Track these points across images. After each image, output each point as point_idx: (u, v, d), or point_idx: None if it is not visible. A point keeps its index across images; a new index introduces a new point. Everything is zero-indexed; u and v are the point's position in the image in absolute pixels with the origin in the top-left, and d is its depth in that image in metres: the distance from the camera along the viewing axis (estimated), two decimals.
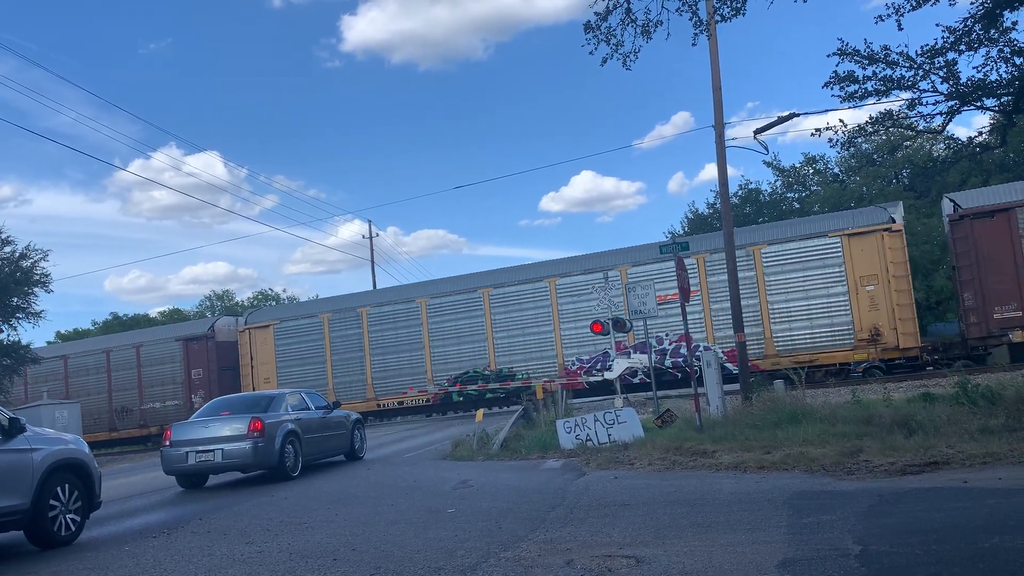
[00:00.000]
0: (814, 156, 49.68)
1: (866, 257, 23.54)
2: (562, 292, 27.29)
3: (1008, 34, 12.22)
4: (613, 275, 24.81)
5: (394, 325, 29.47)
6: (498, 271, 29.89)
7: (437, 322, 28.87)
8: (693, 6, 10.61)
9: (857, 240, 23.75)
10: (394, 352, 29.28)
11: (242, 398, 15.16)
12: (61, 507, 8.73)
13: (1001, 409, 11.70)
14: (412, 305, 29.37)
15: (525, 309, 27.79)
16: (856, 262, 23.65)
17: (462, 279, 30.07)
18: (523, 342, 27.70)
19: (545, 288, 27.61)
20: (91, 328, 64.75)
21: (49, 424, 24.72)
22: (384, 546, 7.50)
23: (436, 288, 30.01)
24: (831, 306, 23.94)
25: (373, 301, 30.62)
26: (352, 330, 29.99)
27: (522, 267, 29.88)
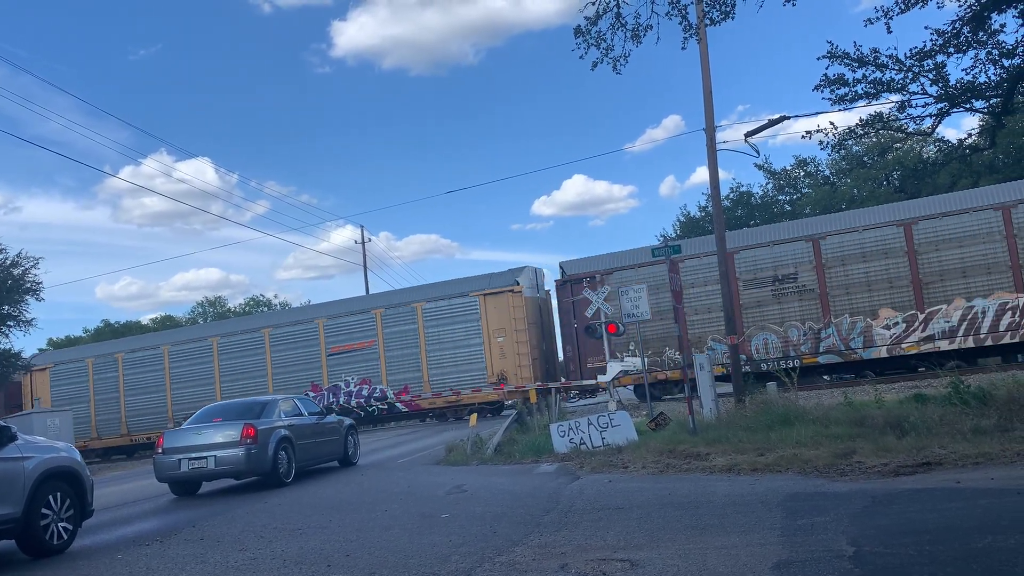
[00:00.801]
0: (805, 159, 49.99)
1: (498, 313, 27.46)
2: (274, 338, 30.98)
3: (996, 36, 12.31)
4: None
5: (143, 368, 32.74)
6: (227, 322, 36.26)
7: (176, 366, 32.36)
8: (683, 11, 10.64)
9: (492, 299, 27.73)
10: (144, 393, 32.45)
11: (235, 404, 15.10)
12: (53, 515, 8.68)
13: (993, 409, 11.74)
14: (157, 351, 32.94)
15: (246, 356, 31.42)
16: (490, 318, 27.58)
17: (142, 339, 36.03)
18: (245, 385, 30.60)
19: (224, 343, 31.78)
20: (83, 335, 64.44)
21: (41, 432, 24.57)
22: (378, 552, 7.48)
23: (161, 339, 34.48)
24: (471, 354, 27.85)
25: (127, 347, 34.14)
26: (111, 373, 33.08)
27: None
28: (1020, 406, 11.48)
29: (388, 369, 28.83)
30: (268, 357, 30.58)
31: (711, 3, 10.99)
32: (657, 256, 17.86)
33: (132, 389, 32.44)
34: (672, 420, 15.42)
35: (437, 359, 28.26)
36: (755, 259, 25.05)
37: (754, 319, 24.83)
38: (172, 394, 31.78)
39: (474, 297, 28.02)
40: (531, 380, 26.83)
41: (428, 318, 28.49)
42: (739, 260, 24.82)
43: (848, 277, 24.00)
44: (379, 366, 28.90)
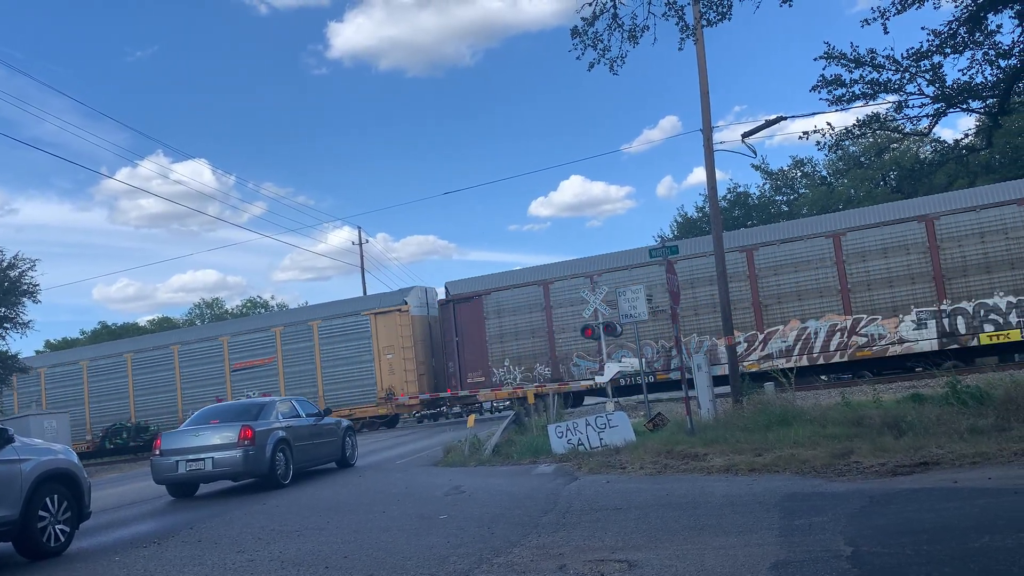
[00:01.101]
0: (802, 159, 50.04)
1: (387, 331, 28.91)
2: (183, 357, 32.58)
3: (992, 37, 12.33)
4: None
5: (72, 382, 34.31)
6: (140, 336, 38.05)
7: (94, 380, 33.74)
8: (679, 11, 10.65)
9: (381, 318, 29.17)
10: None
11: (232, 406, 15.09)
12: (50, 518, 8.66)
13: (990, 409, 11.76)
14: (76, 366, 34.40)
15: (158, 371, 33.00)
16: (380, 335, 29.02)
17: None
18: (157, 399, 32.47)
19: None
20: (80, 337, 64.37)
21: (38, 434, 24.54)
22: (376, 553, 7.48)
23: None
24: (363, 371, 29.19)
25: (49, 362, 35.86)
26: None
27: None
28: (1017, 406, 11.49)
29: (287, 385, 30.16)
30: (177, 372, 32.24)
31: (708, 4, 11.01)
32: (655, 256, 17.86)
33: None
34: (670, 421, 15.44)
35: (331, 375, 29.67)
36: (616, 281, 26.12)
37: (615, 339, 25.94)
38: (91, 407, 33.36)
39: (365, 316, 29.53)
40: (418, 395, 28.46)
41: (323, 336, 30.08)
42: (602, 282, 26.13)
43: (697, 299, 25.38)
44: (278, 382, 30.36)
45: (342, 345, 29.67)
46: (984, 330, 22.10)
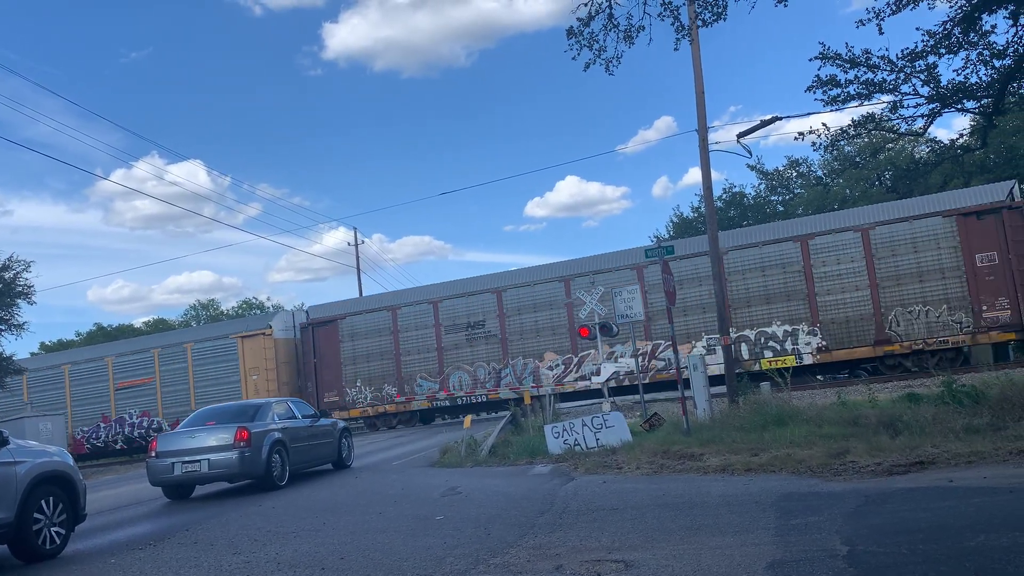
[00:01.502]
0: (797, 159, 50.12)
1: (253, 354, 30.99)
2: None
3: (987, 37, 12.36)
4: None
5: None
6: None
7: None
8: (675, 12, 10.65)
9: (248, 340, 31.22)
10: None
11: (228, 408, 15.06)
12: (46, 520, 8.64)
13: (986, 408, 11.78)
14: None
15: None
16: (247, 357, 31.07)
17: None
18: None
19: None
20: (75, 339, 64.22)
21: (33, 436, 24.48)
22: (373, 554, 7.47)
23: None
24: (231, 391, 30.62)
25: None
26: None
27: None
28: (1012, 405, 11.52)
29: (164, 403, 32.08)
30: (68, 391, 33.64)
31: (703, 4, 11.02)
32: (650, 256, 17.86)
33: None
34: (666, 421, 15.44)
35: (202, 395, 31.02)
36: (454, 308, 28.97)
37: (451, 360, 28.72)
38: None
39: (233, 339, 31.64)
40: None
41: (196, 357, 32.10)
42: (442, 309, 29.07)
43: (523, 325, 27.77)
44: (157, 401, 32.28)
45: (213, 366, 31.79)
46: (764, 356, 24.41)
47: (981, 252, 22.25)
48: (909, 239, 23.17)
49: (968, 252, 22.41)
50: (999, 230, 22.09)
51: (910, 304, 22.93)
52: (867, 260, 23.48)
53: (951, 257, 22.63)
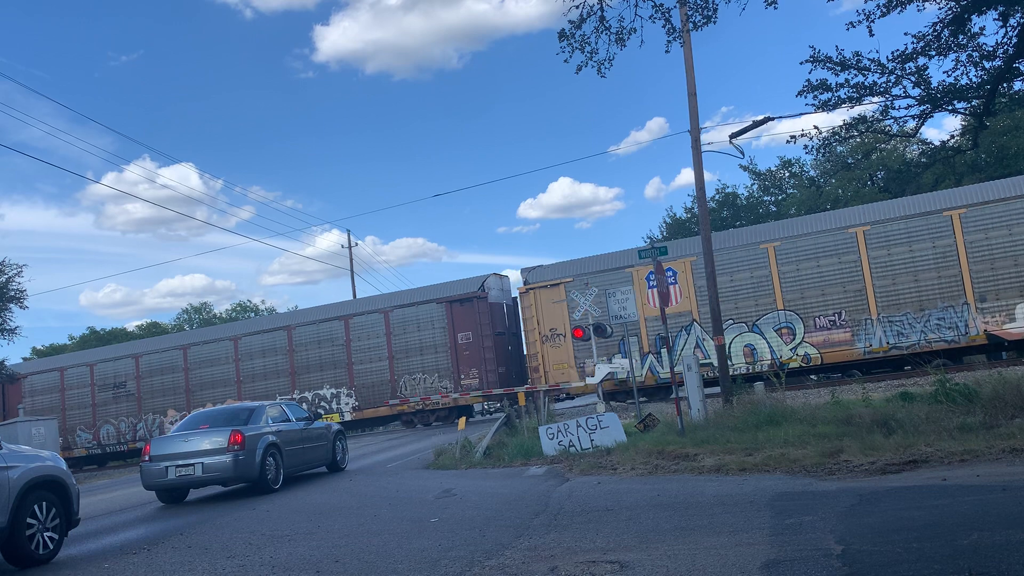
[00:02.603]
0: (790, 159, 50.23)
1: None
2: None
3: (976, 39, 12.40)
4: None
5: None
6: None
7: None
8: (666, 14, 10.67)
9: None
10: None
11: (222, 411, 15.00)
12: (39, 525, 8.59)
13: (978, 406, 11.83)
14: None
15: None
16: None
17: None
18: None
19: None
20: (68, 343, 63.95)
21: (25, 441, 24.38)
22: (368, 557, 7.46)
23: None
24: None
25: None
26: None
27: None
28: (1005, 403, 11.58)
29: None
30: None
31: (694, 7, 11.04)
32: (644, 257, 17.90)
33: None
34: (660, 422, 15.47)
35: None
36: (106, 370, 32.21)
37: (101, 415, 31.88)
38: None
39: None
40: None
41: None
42: (142, 362, 31.85)
43: (164, 384, 31.48)
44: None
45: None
46: (322, 412, 28.22)
47: (462, 332, 27.60)
48: (415, 320, 28.37)
49: (452, 332, 27.69)
50: (474, 315, 27.39)
51: (414, 372, 28.11)
52: (387, 336, 28.58)
53: (442, 335, 27.94)
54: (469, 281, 28.69)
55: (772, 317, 23.60)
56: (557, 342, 26.11)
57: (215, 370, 30.78)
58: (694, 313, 24.35)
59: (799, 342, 23.38)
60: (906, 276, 22.50)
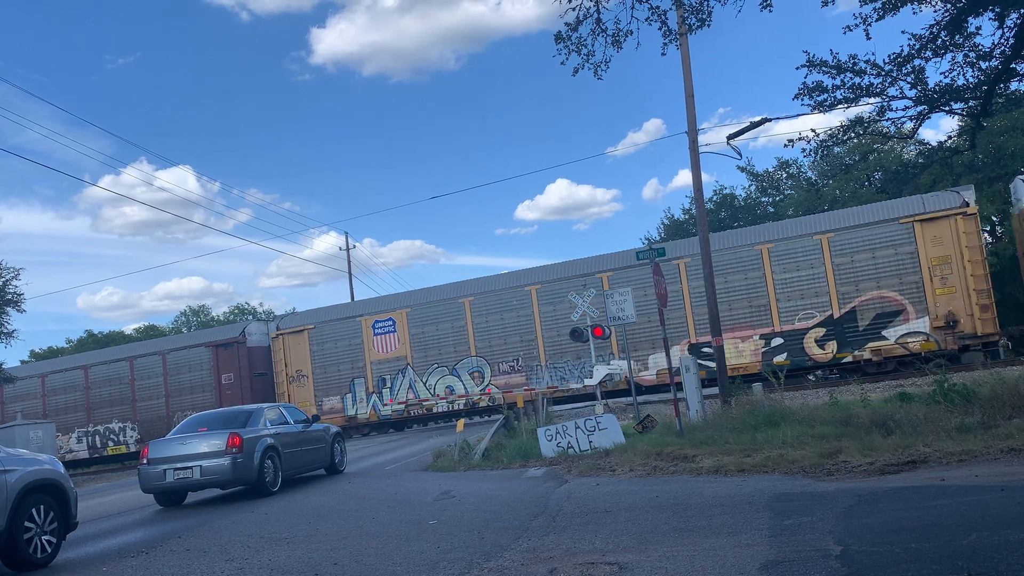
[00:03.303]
0: (787, 160, 50.26)
1: None
2: None
3: (973, 39, 12.42)
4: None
5: None
6: None
7: None
8: (663, 16, 10.67)
9: None
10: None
11: (220, 413, 14.98)
12: (37, 528, 8.58)
13: (977, 407, 11.84)
14: None
15: None
16: None
17: None
18: None
19: None
20: (65, 346, 63.88)
21: (23, 444, 24.35)
22: (366, 559, 7.45)
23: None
24: None
25: None
26: None
27: None
28: (1003, 403, 11.59)
29: None
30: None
31: (689, 10, 11.03)
32: (642, 258, 17.89)
33: None
34: (659, 423, 15.46)
35: None
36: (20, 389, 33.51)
37: None
38: None
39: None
40: None
41: None
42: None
43: None
44: None
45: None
46: (110, 444, 32.63)
47: (225, 373, 30.78)
48: (187, 362, 31.59)
49: (217, 373, 30.88)
50: (235, 358, 30.80)
51: (186, 409, 30.14)
52: (164, 376, 31.92)
53: (208, 376, 31.14)
54: (233, 326, 33.72)
55: (467, 362, 27.54)
56: (302, 382, 29.80)
57: (30, 403, 33.87)
58: (408, 359, 28.35)
59: (487, 384, 27.22)
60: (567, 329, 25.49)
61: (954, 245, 22.56)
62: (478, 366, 27.28)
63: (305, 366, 29.64)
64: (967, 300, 22.36)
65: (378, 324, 28.72)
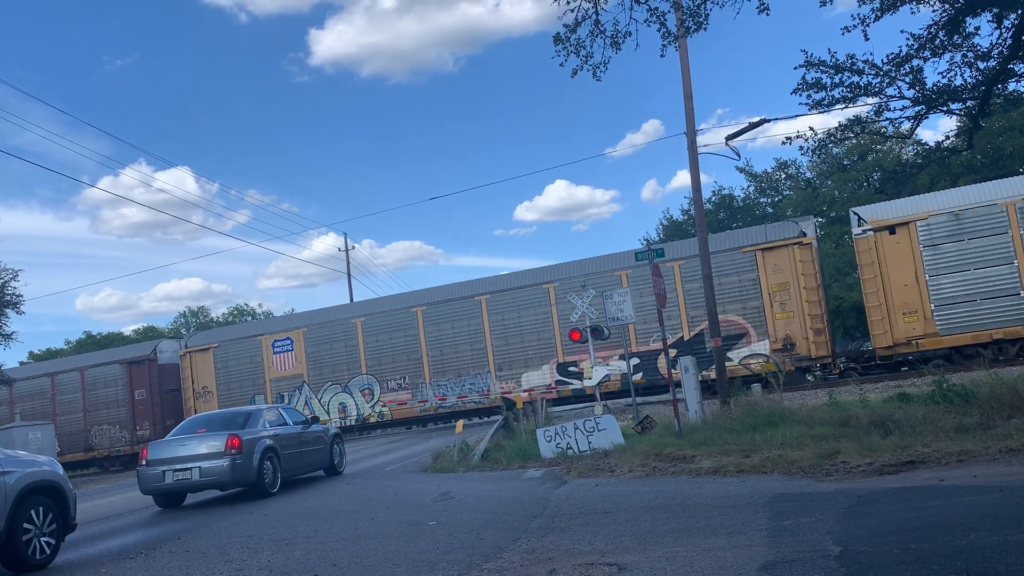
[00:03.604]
0: (786, 161, 50.31)
1: None
2: None
3: (971, 39, 12.43)
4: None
5: None
6: None
7: None
8: (661, 17, 10.66)
9: None
10: None
11: (219, 415, 14.99)
12: (35, 530, 8.58)
13: (975, 407, 11.84)
14: None
15: None
16: None
17: None
18: None
19: None
20: (64, 348, 63.80)
21: (22, 446, 24.32)
22: (365, 560, 7.45)
23: None
24: None
25: None
26: None
27: None
28: (1002, 404, 11.59)
29: None
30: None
31: (687, 12, 11.04)
32: (640, 259, 17.90)
33: None
34: (658, 423, 15.46)
35: None
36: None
37: None
38: None
39: None
40: None
41: None
42: None
43: None
44: None
45: None
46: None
47: (138, 389, 31.90)
48: (103, 379, 32.54)
49: (131, 389, 31.96)
50: (147, 375, 31.80)
51: (102, 423, 32.12)
52: (83, 392, 32.71)
53: (123, 392, 32.13)
54: (146, 344, 35.26)
55: (358, 380, 28.95)
56: (207, 398, 30.85)
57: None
58: (305, 376, 29.64)
59: (376, 400, 28.57)
60: (451, 349, 27.69)
61: (792, 273, 23.66)
62: (368, 384, 28.75)
63: (211, 383, 30.96)
64: (803, 324, 23.52)
65: (277, 343, 30.35)
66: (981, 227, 21.39)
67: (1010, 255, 21.02)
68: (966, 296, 21.35)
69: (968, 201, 21.70)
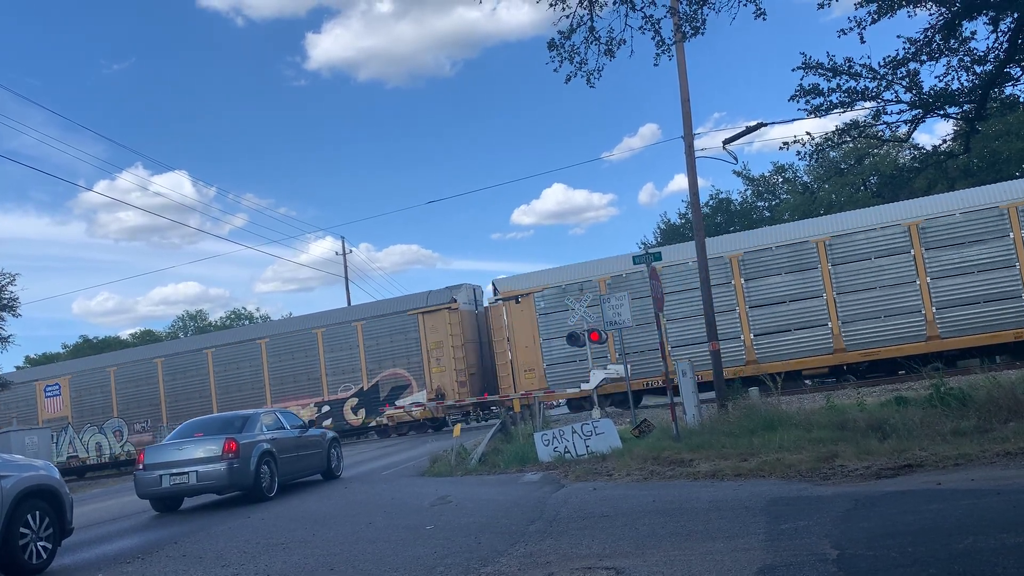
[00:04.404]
0: (783, 165, 50.36)
1: None
2: None
3: (967, 43, 12.46)
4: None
5: None
6: None
7: None
8: (656, 24, 10.65)
9: None
10: None
11: (216, 419, 14.97)
12: (32, 534, 8.56)
13: (972, 411, 11.84)
14: None
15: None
16: None
17: None
18: None
19: None
20: (61, 352, 63.75)
21: (18, 450, 24.26)
22: (363, 565, 7.44)
23: None
24: None
25: None
26: None
27: None
28: (999, 407, 11.60)
29: None
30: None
31: (684, 18, 11.04)
32: (638, 262, 17.89)
33: None
34: (656, 427, 15.45)
35: None
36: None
37: None
38: None
39: None
40: None
41: None
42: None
43: None
44: None
45: None
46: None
47: None
48: None
49: None
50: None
51: None
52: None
53: None
54: None
55: (111, 423, 32.00)
56: None
57: None
58: (70, 418, 32.56)
59: (125, 440, 31.71)
60: (184, 398, 30.81)
61: (446, 333, 27.52)
62: (119, 426, 32.18)
63: None
64: (452, 377, 27.36)
65: (48, 388, 33.76)
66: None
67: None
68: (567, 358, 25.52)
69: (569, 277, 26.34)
